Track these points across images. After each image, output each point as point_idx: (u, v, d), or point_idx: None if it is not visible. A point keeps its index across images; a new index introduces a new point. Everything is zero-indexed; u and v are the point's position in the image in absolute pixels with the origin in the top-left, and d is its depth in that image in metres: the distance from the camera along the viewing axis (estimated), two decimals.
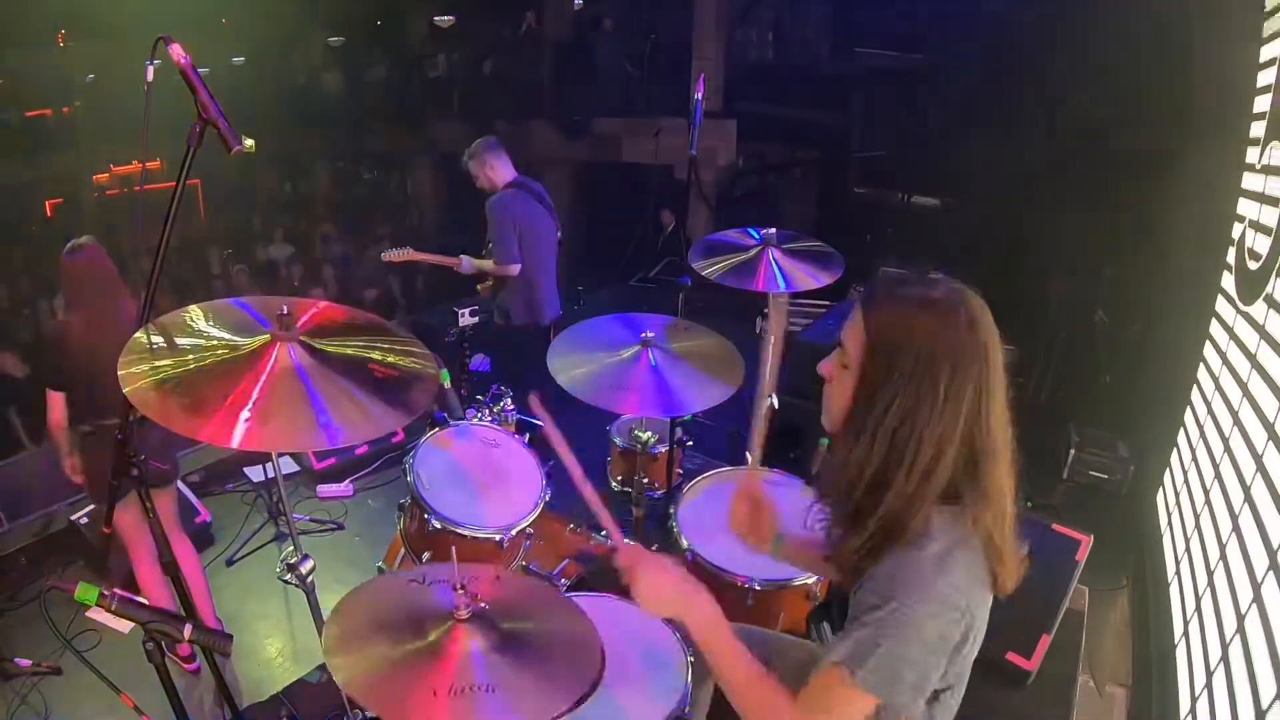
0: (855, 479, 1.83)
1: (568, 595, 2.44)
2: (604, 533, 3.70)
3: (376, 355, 2.40)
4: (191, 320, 2.33)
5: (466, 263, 5.46)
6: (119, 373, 2.10)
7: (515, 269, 5.29)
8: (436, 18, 9.97)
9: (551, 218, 5.53)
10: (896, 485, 1.76)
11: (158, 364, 2.13)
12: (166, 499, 4.08)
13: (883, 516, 1.78)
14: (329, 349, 2.31)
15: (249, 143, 2.25)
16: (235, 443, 2.02)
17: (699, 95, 4.31)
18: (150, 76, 2.23)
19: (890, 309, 1.81)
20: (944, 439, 1.74)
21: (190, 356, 2.18)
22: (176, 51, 2.21)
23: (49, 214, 11.44)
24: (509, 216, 5.28)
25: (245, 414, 2.05)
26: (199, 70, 2.23)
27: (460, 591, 2.04)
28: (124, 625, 2.51)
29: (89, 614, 4.07)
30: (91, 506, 4.76)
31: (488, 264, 5.41)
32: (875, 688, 1.69)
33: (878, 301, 1.83)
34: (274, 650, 4.29)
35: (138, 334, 2.22)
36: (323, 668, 3.84)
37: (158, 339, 2.20)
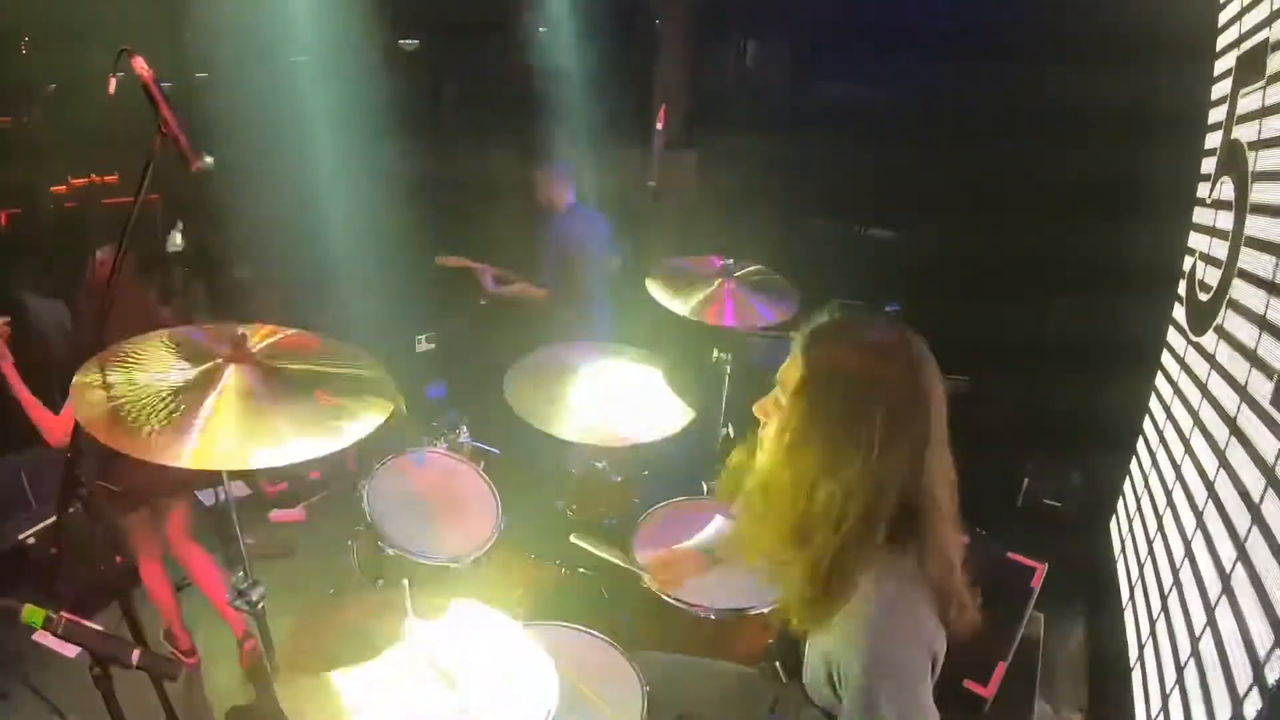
0: (784, 516, 1.79)
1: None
2: (558, 561, 3.70)
3: (329, 376, 2.38)
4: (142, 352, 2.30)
5: (490, 283, 5.45)
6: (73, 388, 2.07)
7: (542, 293, 5.32)
8: (401, 41, 9.94)
9: (605, 246, 5.54)
10: (825, 531, 1.71)
11: (110, 391, 2.11)
12: (178, 511, 4.10)
13: (814, 569, 1.74)
14: (283, 366, 2.29)
15: (209, 159, 2.24)
16: (182, 461, 2.00)
17: (660, 126, 4.33)
18: (112, 88, 2.20)
19: (827, 346, 1.76)
20: (878, 490, 1.69)
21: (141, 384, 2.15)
22: (140, 64, 2.19)
23: (4, 224, 11.24)
24: (558, 242, 5.32)
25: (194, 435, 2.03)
26: (162, 84, 2.21)
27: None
28: (70, 650, 2.45)
29: (35, 637, 3.97)
30: (38, 526, 4.67)
31: (516, 287, 5.40)
32: None
33: (816, 338, 1.78)
34: (225, 675, 4.22)
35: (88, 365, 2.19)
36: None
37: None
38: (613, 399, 3.32)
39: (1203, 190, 4.34)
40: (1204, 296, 3.94)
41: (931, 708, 1.70)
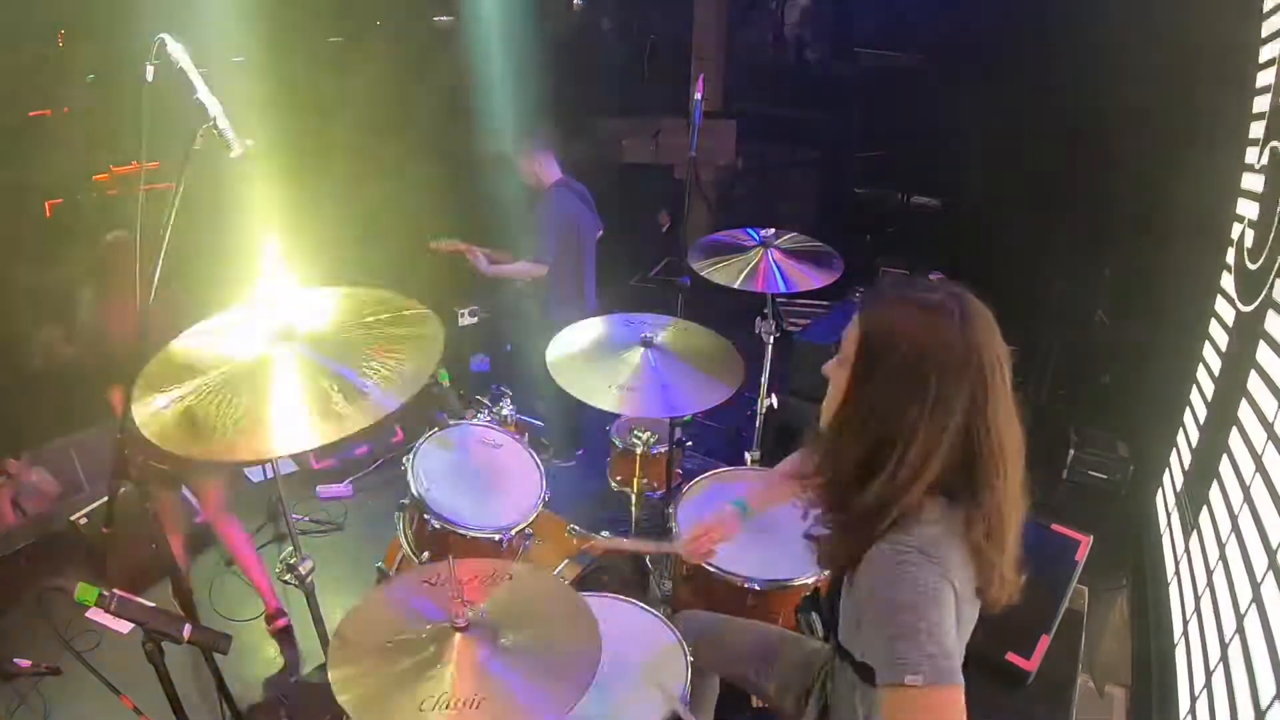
0: (843, 471, 1.84)
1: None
2: (604, 532, 3.72)
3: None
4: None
5: (484, 264, 5.44)
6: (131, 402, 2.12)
7: (542, 270, 5.28)
8: (436, 17, 9.93)
9: (594, 217, 5.57)
10: (882, 478, 1.76)
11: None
12: (216, 486, 4.19)
13: (868, 504, 1.78)
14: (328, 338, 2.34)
15: (249, 143, 2.25)
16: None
17: (699, 95, 4.31)
18: (150, 77, 2.22)
19: (885, 305, 1.82)
20: (932, 439, 1.72)
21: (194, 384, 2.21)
22: (176, 51, 2.20)
23: (48, 214, 11.35)
24: (555, 215, 5.30)
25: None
26: (198, 70, 2.22)
27: (458, 600, 2.04)
28: (124, 626, 2.50)
29: (89, 614, 4.06)
30: (91, 506, 4.76)
31: (515, 266, 5.39)
32: (944, 675, 1.63)
33: (875, 298, 1.86)
34: (273, 650, 4.29)
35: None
36: (322, 668, 3.84)
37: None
38: (656, 371, 3.33)
39: (1251, 155, 4.26)
40: (1253, 265, 3.87)
41: (956, 653, 1.71)
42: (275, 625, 4.30)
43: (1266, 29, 4.25)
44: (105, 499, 2.73)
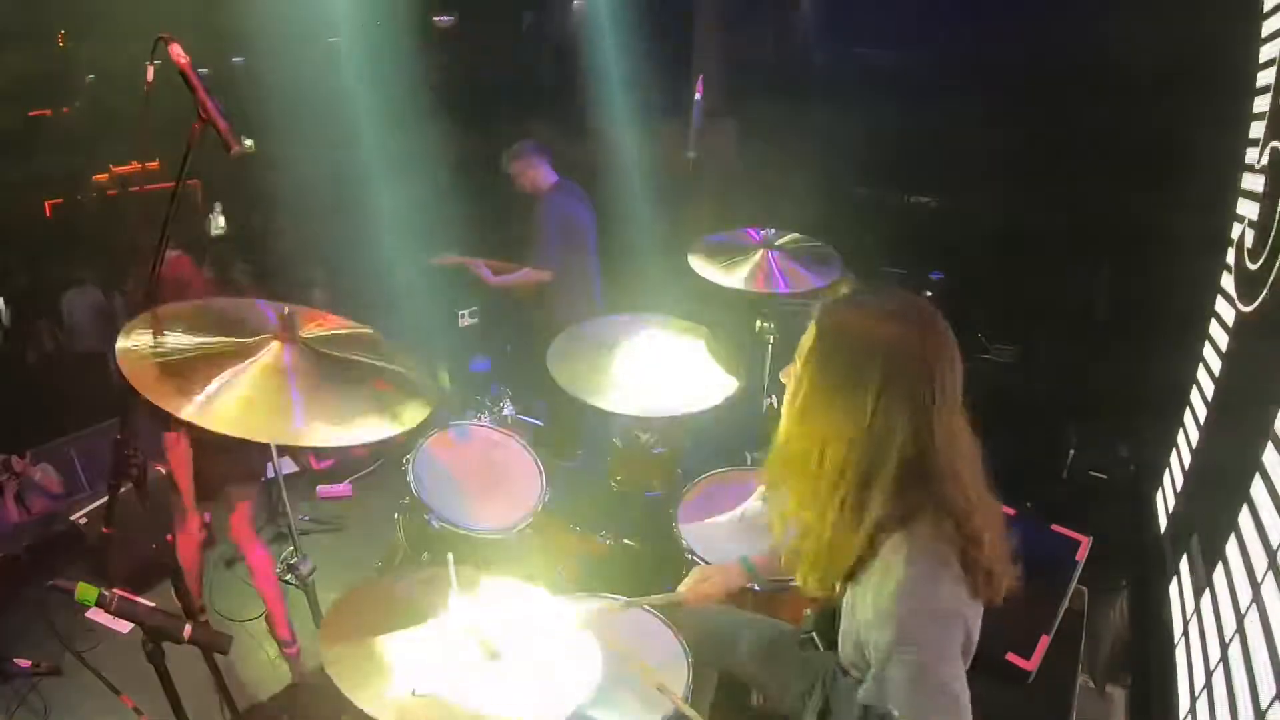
0: (797, 493, 1.86)
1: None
2: (602, 533, 3.73)
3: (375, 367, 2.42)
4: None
5: (489, 275, 5.46)
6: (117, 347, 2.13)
7: (549, 275, 5.28)
8: (436, 18, 9.93)
9: (593, 216, 5.56)
10: (828, 502, 1.77)
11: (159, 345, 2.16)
12: (245, 503, 4.16)
13: (823, 531, 1.79)
14: (327, 352, 2.33)
15: (249, 143, 2.26)
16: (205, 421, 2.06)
17: (698, 95, 4.32)
18: (150, 77, 2.22)
19: (834, 312, 1.84)
20: (878, 450, 1.72)
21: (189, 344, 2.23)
22: (176, 51, 2.20)
23: (48, 214, 11.34)
24: (558, 219, 5.30)
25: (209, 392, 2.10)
26: (199, 70, 2.23)
27: None
28: (124, 626, 2.51)
29: (89, 614, 4.07)
30: (91, 506, 4.76)
31: (519, 275, 5.39)
32: None
33: (826, 306, 1.86)
34: (273, 651, 4.29)
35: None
36: (322, 669, 3.85)
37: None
38: (656, 371, 3.33)
39: (1251, 155, 4.25)
40: (1253, 265, 3.87)
41: (962, 682, 1.71)
42: (286, 653, 4.26)
43: (1266, 29, 4.25)
44: (105, 499, 2.73)
